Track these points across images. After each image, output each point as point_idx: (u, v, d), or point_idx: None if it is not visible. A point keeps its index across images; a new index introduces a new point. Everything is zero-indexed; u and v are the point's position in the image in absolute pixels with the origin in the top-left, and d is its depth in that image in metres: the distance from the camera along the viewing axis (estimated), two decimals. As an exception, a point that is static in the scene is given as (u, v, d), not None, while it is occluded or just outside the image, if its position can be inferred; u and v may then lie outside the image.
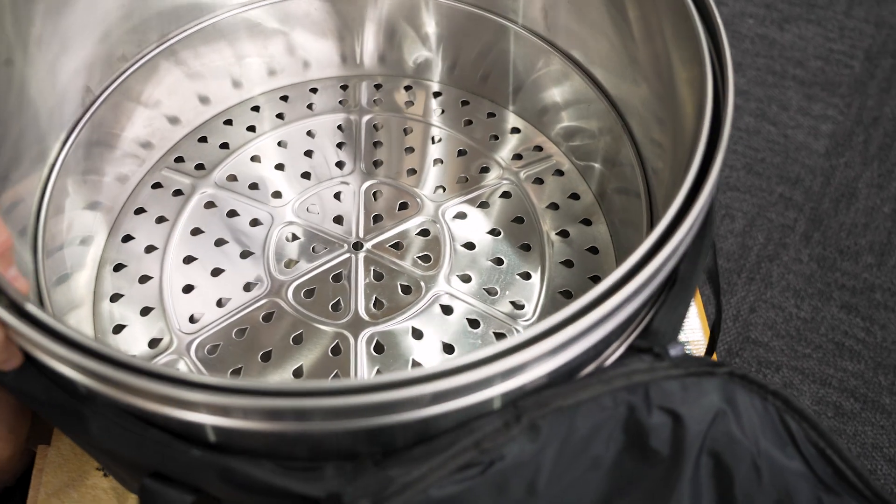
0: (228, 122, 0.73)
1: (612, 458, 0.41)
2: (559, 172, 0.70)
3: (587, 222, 0.67)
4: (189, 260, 0.64)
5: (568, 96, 0.69)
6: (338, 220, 0.66)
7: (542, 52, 0.68)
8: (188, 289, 0.62)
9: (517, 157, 0.71)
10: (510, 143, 0.72)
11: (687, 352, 0.43)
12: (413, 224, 0.66)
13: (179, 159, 0.70)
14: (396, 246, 0.65)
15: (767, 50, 1.23)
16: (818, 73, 1.19)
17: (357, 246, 0.64)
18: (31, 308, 0.38)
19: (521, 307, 0.62)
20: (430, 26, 0.73)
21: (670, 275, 0.44)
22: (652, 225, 0.58)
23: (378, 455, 0.39)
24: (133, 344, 0.60)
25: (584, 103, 0.67)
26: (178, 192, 0.68)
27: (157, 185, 0.69)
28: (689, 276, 0.44)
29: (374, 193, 0.68)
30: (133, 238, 0.65)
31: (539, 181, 0.69)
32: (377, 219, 0.66)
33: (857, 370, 0.95)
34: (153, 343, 0.60)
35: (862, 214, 1.04)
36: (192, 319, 0.61)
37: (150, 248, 0.65)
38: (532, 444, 0.39)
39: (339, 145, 0.71)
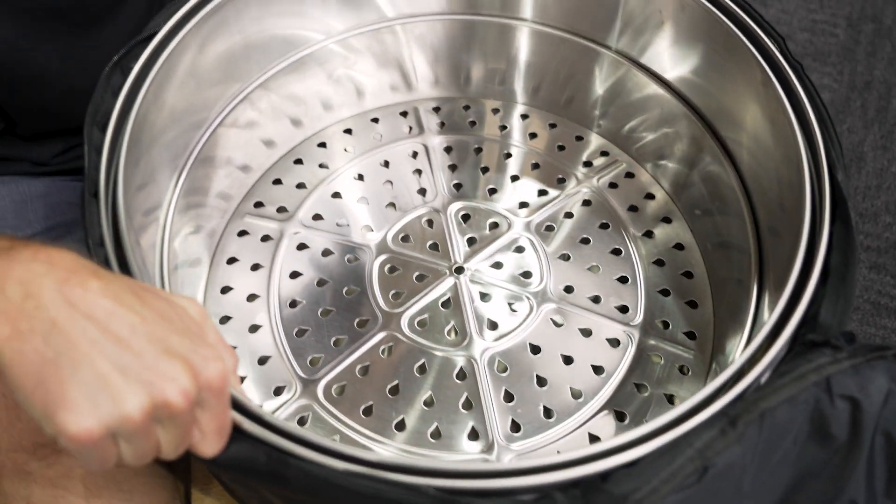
0: (299, 162, 0.73)
1: (798, 449, 0.44)
2: (630, 175, 0.73)
3: (667, 220, 0.70)
4: (294, 304, 0.65)
5: (623, 95, 0.71)
6: (434, 246, 0.67)
7: (595, 58, 0.71)
8: (301, 333, 0.63)
9: (587, 164, 0.73)
10: (578, 151, 0.74)
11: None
12: (507, 242, 0.68)
13: (259, 204, 0.70)
14: (496, 265, 0.66)
15: None
16: (807, 45, 1.23)
17: (459, 270, 0.66)
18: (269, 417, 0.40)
19: (626, 310, 0.65)
20: (480, 44, 0.75)
21: (823, 269, 0.47)
22: (753, 213, 0.60)
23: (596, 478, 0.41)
24: (257, 394, 0.60)
25: (648, 101, 0.70)
26: (266, 238, 0.68)
27: (243, 233, 0.69)
28: (841, 268, 0.47)
29: (463, 216, 0.69)
30: (232, 289, 0.66)
31: (614, 185, 0.72)
32: (471, 241, 0.68)
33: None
34: (278, 391, 0.60)
35: (873, 177, 1.09)
36: (311, 363, 0.62)
37: (252, 297, 0.65)
38: (740, 446, 0.41)
39: (417, 172, 0.72)
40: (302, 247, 0.68)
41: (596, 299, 0.65)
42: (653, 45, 0.66)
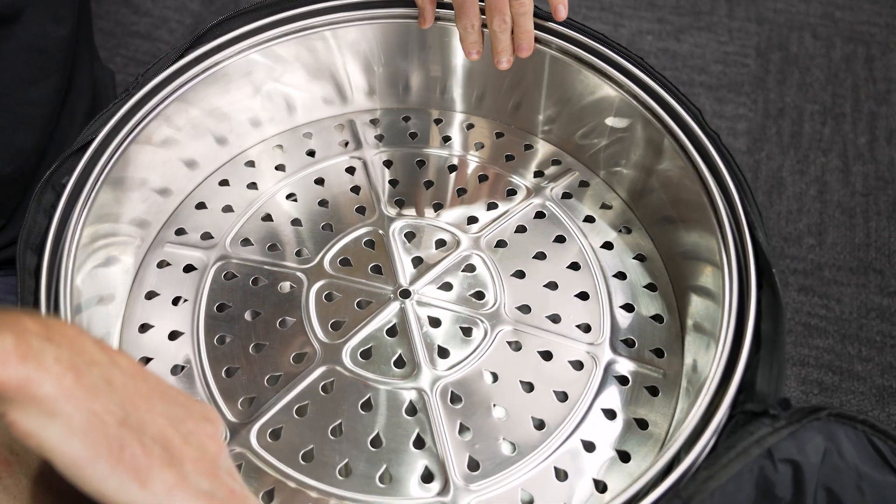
0: (224, 183, 0.67)
1: (747, 515, 0.43)
2: (584, 184, 0.68)
3: (627, 230, 0.65)
4: (223, 340, 0.58)
5: (584, 99, 0.66)
6: (376, 269, 0.61)
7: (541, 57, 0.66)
8: (230, 372, 0.56)
9: (538, 174, 0.68)
10: (528, 161, 0.69)
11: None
12: (456, 260, 0.62)
13: (181, 231, 0.64)
14: (445, 287, 0.61)
15: (671, 62, 1.29)
16: (721, 77, 1.26)
17: (404, 294, 0.60)
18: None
19: (589, 329, 0.59)
20: (421, 49, 0.69)
21: (755, 337, 0.49)
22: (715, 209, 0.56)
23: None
24: (184, 444, 0.53)
25: (598, 99, 0.65)
26: (189, 268, 0.62)
27: (163, 264, 0.62)
28: (772, 335, 0.48)
29: (407, 235, 0.63)
30: (152, 326, 0.59)
31: (567, 195, 0.67)
32: (417, 261, 0.62)
33: (827, 345, 1.01)
34: (206, 439, 0.53)
35: (793, 201, 1.12)
36: (242, 405, 0.55)
37: (174, 335, 0.58)
38: None
39: (355, 189, 0.66)
40: (230, 276, 0.61)
41: (555, 318, 0.60)
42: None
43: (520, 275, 0.62)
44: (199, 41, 0.62)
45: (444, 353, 0.57)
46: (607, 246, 0.64)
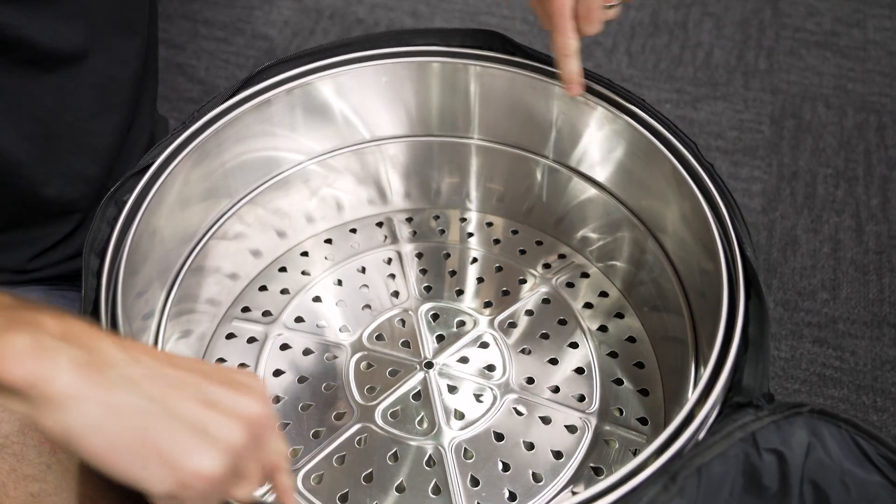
0: (283, 270, 0.80)
1: (735, 501, 0.49)
2: (585, 275, 0.80)
3: (620, 315, 0.76)
4: (277, 400, 0.70)
5: (586, 209, 0.79)
6: (405, 344, 0.73)
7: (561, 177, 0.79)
8: (282, 426, 0.68)
9: (546, 266, 0.80)
10: (538, 255, 0.81)
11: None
12: (472, 338, 0.74)
13: (246, 309, 0.77)
14: (463, 360, 0.72)
15: (689, 128, 1.37)
16: (736, 142, 1.34)
17: (428, 365, 0.72)
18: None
19: (583, 399, 0.70)
20: (450, 162, 0.83)
21: (743, 340, 0.54)
22: (689, 306, 0.67)
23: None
24: (243, 485, 0.65)
25: (598, 209, 0.77)
26: (252, 339, 0.74)
27: (230, 336, 0.75)
28: (758, 337, 0.54)
29: (433, 316, 0.76)
30: (220, 387, 0.71)
31: (570, 284, 0.79)
32: (440, 338, 0.74)
33: (842, 395, 1.04)
34: (261, 481, 0.65)
35: (807, 258, 1.17)
36: (292, 454, 0.67)
37: (238, 395, 0.70)
38: (682, 499, 0.46)
39: (391, 276, 0.79)
40: (285, 347, 0.74)
41: (555, 389, 0.71)
42: (586, 156, 0.75)
43: (526, 351, 0.73)
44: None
45: (459, 415, 0.69)
46: (602, 329, 0.75)
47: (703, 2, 1.60)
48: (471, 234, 0.84)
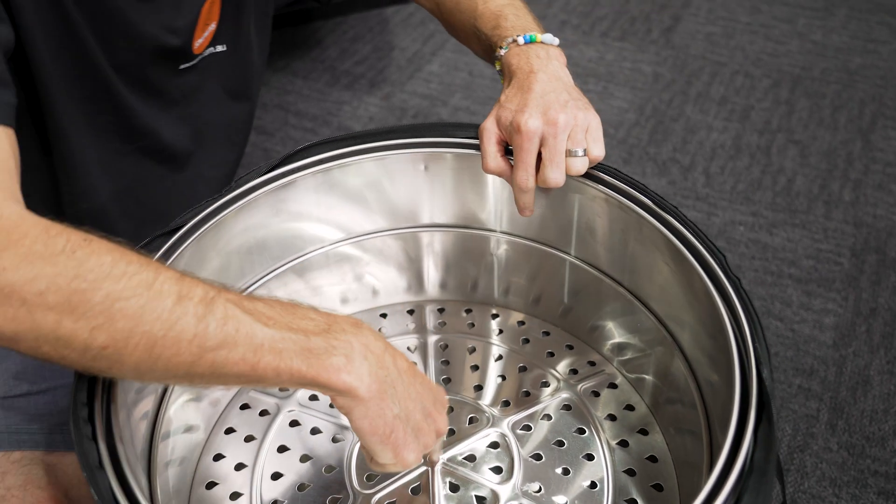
0: (308, 347, 0.80)
1: None
2: (613, 385, 0.76)
3: (644, 432, 0.72)
4: (276, 476, 0.69)
5: (617, 315, 0.76)
6: (413, 434, 0.71)
7: (592, 279, 0.77)
8: (276, 504, 0.67)
9: (573, 371, 0.77)
10: (566, 359, 0.79)
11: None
12: (483, 437, 0.71)
13: (265, 381, 0.77)
14: (469, 458, 0.69)
15: (762, 253, 1.33)
16: (811, 272, 1.28)
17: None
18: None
19: (591, 516, 0.66)
20: (487, 256, 0.83)
21: (749, 465, 0.51)
22: (710, 432, 0.63)
23: None
24: (225, 560, 0.63)
25: (631, 319, 0.75)
26: (264, 412, 0.74)
27: (245, 406, 0.75)
28: (763, 464, 0.50)
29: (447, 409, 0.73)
30: (224, 457, 0.71)
31: (595, 394, 0.75)
32: (450, 433, 0.71)
33: None
34: (244, 559, 0.63)
35: (879, 401, 1.09)
36: (280, 534, 0.65)
37: (239, 466, 0.70)
38: None
39: (411, 365, 0.78)
40: (294, 423, 0.73)
41: (564, 502, 0.66)
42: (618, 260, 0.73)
43: (537, 457, 0.70)
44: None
45: (456, 516, 0.65)
46: (623, 443, 0.71)
47: (790, 129, 1.58)
48: (500, 332, 0.82)
